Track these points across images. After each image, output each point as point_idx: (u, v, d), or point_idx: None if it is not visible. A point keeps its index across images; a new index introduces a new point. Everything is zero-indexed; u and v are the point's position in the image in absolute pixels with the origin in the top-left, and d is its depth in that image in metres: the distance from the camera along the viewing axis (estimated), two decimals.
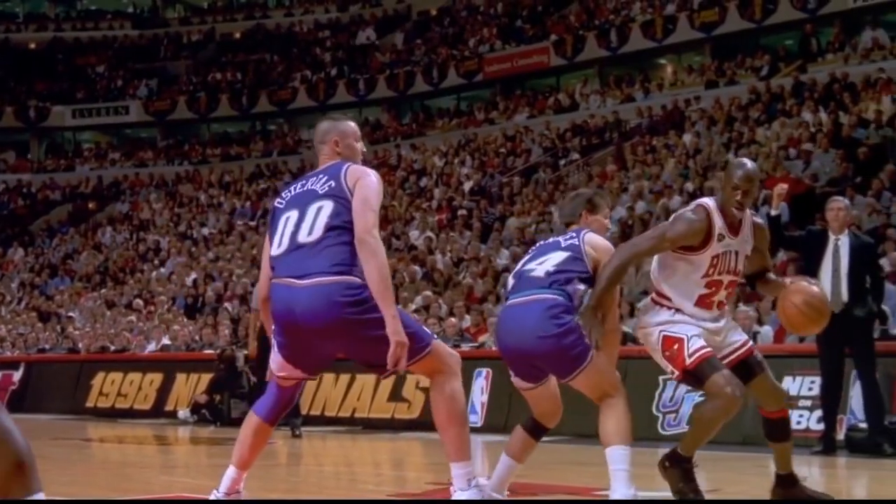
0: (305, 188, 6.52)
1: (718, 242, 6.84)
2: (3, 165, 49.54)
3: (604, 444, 6.66)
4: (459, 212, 29.10)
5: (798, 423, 12.87)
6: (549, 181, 30.24)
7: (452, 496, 6.50)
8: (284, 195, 6.65)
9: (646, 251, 7.00)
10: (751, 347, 7.07)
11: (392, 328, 6.07)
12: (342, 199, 6.30)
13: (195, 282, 30.23)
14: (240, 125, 49.91)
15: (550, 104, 38.94)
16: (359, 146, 6.79)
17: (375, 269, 6.12)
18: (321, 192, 6.40)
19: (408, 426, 16.51)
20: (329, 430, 17.12)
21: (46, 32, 54.16)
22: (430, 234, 27.45)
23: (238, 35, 52.37)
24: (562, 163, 32.29)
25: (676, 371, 6.79)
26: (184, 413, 19.47)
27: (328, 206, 6.32)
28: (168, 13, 56.42)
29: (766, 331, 15.22)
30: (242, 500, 6.72)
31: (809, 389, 12.98)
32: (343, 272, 6.18)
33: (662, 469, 7.01)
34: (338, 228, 6.26)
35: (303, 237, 6.34)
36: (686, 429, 13.21)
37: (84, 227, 42.52)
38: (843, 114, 25.74)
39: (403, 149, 39.39)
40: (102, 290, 33.20)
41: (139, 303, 29.31)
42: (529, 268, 6.96)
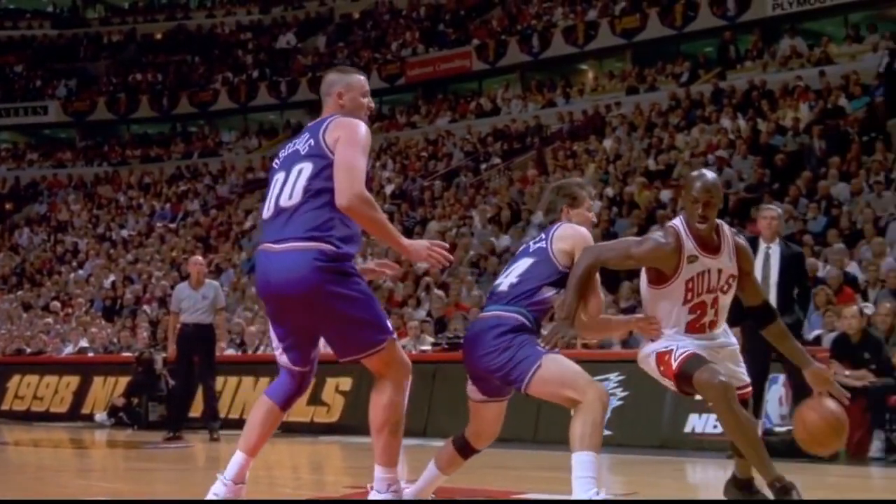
0: (294, 148, 6.35)
1: (689, 265, 6.61)
2: None
3: (570, 450, 6.45)
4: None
5: (715, 427, 12.99)
6: (471, 185, 30.33)
7: (369, 496, 6.42)
8: (280, 155, 6.44)
9: (608, 260, 6.69)
10: (747, 392, 6.89)
11: (405, 247, 6.27)
12: (321, 159, 6.14)
13: (114, 284, 30.00)
14: (160, 126, 49.51)
15: (472, 108, 39.02)
16: (365, 101, 6.52)
17: (371, 228, 6.13)
18: (303, 153, 6.24)
19: (327, 430, 16.48)
20: None
21: None
22: None
23: (159, 36, 51.95)
24: (483, 167, 32.37)
25: (672, 382, 6.64)
26: (101, 416, 19.33)
27: (308, 168, 6.15)
28: (88, 13, 55.85)
29: None
30: (244, 501, 6.53)
31: None
32: (316, 238, 6.03)
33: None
34: (316, 191, 6.10)
35: (284, 201, 6.19)
36: (604, 433, 13.30)
37: (1, 228, 42.02)
38: (762, 121, 26.03)
39: None
40: (19, 292, 32.80)
41: (56, 305, 29.05)
42: (498, 281, 6.84)
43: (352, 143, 6.13)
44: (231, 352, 19.17)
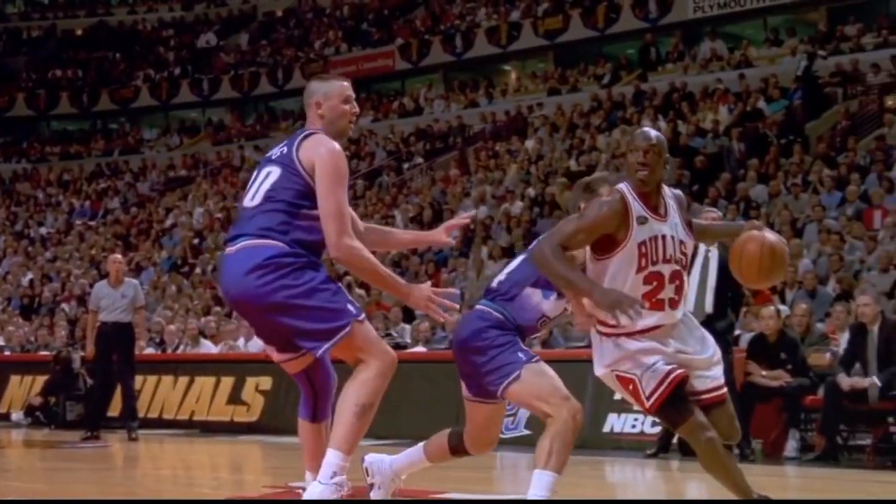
0: (271, 152, 6.35)
1: (641, 226, 6.14)
2: None
3: (534, 464, 6.33)
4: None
5: (633, 427, 13.09)
6: (393, 185, 30.36)
7: (307, 483, 6.26)
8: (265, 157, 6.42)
9: (563, 241, 6.09)
10: (724, 394, 6.34)
11: (404, 294, 6.16)
12: (288, 167, 6.08)
13: (31, 282, 29.71)
14: (80, 123, 49.07)
15: (395, 108, 39.03)
16: (347, 108, 6.30)
17: (366, 277, 6.10)
18: (273, 158, 6.22)
19: (247, 429, 16.41)
20: (167, 433, 16.93)
21: None
22: None
23: (80, 32, 51.45)
24: (405, 166, 32.41)
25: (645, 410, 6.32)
26: (17, 415, 19.12)
27: (274, 173, 6.12)
28: (8, 8, 55.15)
29: None
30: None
31: None
32: (266, 235, 5.98)
33: None
34: (276, 194, 6.06)
35: (248, 202, 6.20)
36: (523, 432, 13.37)
37: None
38: (682, 122, 26.25)
39: (247, 150, 39.13)
40: None
41: None
42: (492, 277, 6.79)
43: (334, 180, 6.00)
44: (150, 351, 19.05)
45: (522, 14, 38.55)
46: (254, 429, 16.36)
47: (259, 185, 6.18)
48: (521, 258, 6.70)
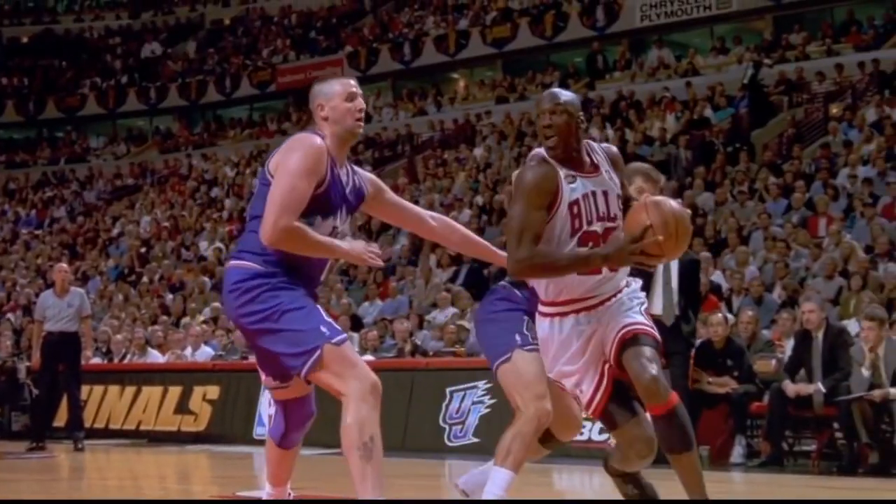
0: None
1: (569, 185, 5.80)
2: None
3: (494, 457, 6.22)
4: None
5: (581, 434, 13.11)
6: None
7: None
8: None
9: (526, 234, 5.69)
10: (637, 329, 5.88)
11: (345, 252, 5.88)
12: (261, 180, 5.88)
13: None
14: (26, 131, 48.68)
15: None
16: (352, 105, 6.05)
17: (305, 252, 5.78)
18: (258, 176, 6.07)
19: (194, 439, 16.34)
20: (113, 444, 16.83)
21: None
22: (220, 245, 27.22)
23: (26, 39, 51.09)
24: None
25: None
26: None
27: (256, 190, 5.97)
28: None
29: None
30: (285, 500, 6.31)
31: None
32: (240, 257, 5.87)
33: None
34: (253, 211, 5.92)
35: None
36: (471, 440, 13.39)
37: None
38: (629, 130, 26.37)
39: (194, 158, 38.97)
40: None
41: None
42: None
43: (284, 173, 5.73)
44: (97, 360, 18.94)
45: (471, 22, 38.61)
46: (201, 438, 16.29)
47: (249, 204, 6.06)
48: None
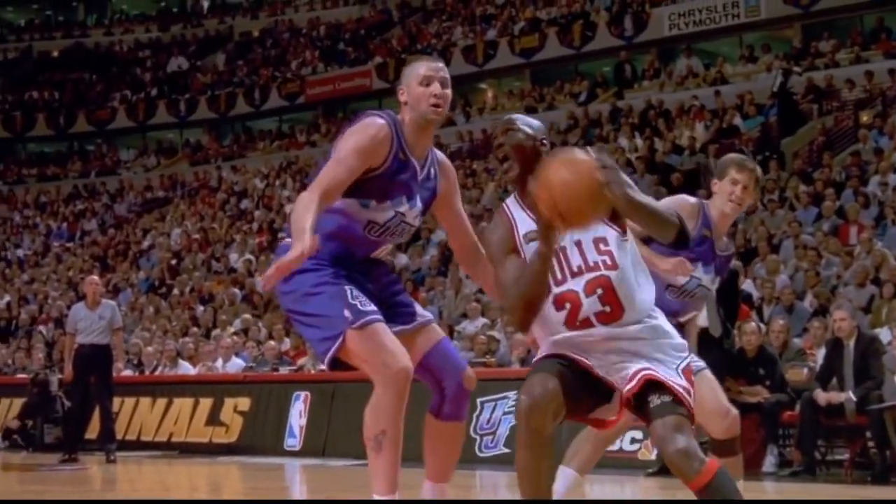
0: None
1: (528, 245, 4.99)
2: None
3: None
4: (280, 234, 28.97)
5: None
6: None
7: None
8: None
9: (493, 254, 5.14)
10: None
11: (295, 244, 5.01)
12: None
13: (9, 304, 29.56)
14: (57, 145, 48.93)
15: None
16: (427, 90, 5.62)
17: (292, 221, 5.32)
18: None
19: (225, 450, 16.36)
20: (145, 455, 16.86)
21: None
22: (250, 257, 27.30)
23: (56, 53, 51.36)
24: None
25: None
26: None
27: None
28: None
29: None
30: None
31: None
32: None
33: None
34: None
35: None
36: (502, 450, 13.36)
37: None
38: (658, 140, 26.30)
39: (224, 171, 39.05)
40: None
41: None
42: None
43: (334, 152, 5.50)
44: (128, 372, 19.00)
45: (499, 33, 38.63)
46: (232, 450, 16.31)
47: None
48: None
